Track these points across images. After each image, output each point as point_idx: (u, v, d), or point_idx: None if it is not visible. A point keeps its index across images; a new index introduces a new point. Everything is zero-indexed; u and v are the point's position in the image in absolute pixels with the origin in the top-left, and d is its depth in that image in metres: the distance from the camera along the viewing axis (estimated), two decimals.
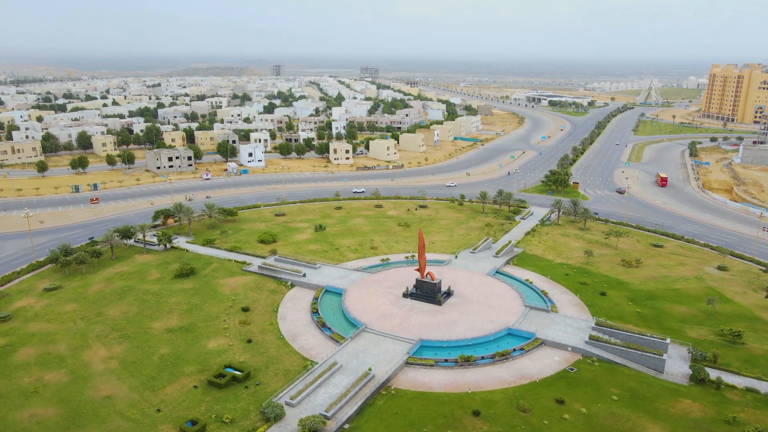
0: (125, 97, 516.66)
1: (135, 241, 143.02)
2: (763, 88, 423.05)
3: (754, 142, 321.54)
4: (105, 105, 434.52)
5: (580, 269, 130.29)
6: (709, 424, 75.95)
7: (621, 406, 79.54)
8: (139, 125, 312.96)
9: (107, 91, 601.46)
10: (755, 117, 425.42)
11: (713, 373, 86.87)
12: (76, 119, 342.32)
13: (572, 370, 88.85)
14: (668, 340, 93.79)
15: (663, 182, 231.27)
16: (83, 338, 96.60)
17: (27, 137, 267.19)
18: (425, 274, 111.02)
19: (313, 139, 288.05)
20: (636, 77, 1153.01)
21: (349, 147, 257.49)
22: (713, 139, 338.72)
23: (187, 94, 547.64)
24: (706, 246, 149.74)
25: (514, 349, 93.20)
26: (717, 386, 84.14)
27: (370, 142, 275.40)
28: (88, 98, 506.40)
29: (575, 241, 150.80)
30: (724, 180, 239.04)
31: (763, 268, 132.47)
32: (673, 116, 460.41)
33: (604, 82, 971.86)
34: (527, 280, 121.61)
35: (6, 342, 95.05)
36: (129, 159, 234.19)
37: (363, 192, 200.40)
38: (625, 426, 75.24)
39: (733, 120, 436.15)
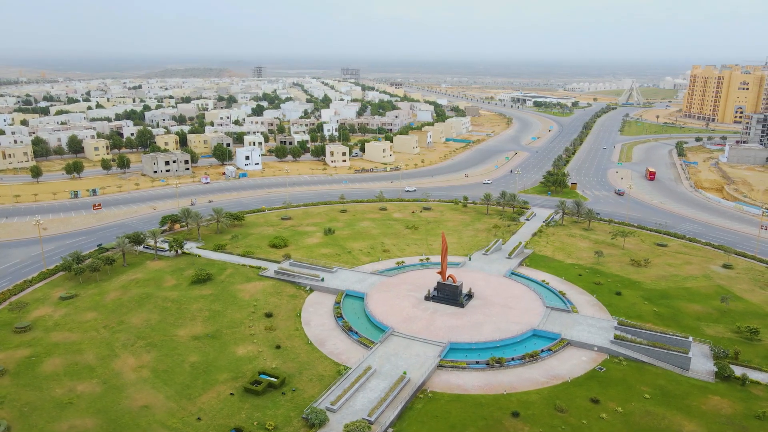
0: (108, 99, 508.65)
1: (144, 247, 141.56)
2: (743, 89, 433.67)
3: (737, 142, 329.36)
4: (89, 108, 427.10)
5: (592, 269, 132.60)
6: (740, 420, 78.20)
7: (654, 404, 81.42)
8: (128, 128, 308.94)
9: (88, 94, 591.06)
10: (735, 117, 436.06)
11: (736, 370, 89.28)
12: (63, 123, 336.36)
13: (601, 369, 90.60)
14: (690, 339, 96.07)
15: (651, 176, 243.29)
16: (109, 347, 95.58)
17: (16, 142, 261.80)
18: (446, 277, 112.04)
19: (307, 141, 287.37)
20: (612, 77, 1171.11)
21: (346, 149, 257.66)
22: (698, 139, 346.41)
23: (171, 96, 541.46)
24: (708, 245, 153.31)
25: (542, 350, 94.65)
26: (742, 383, 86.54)
27: (366, 144, 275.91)
28: (71, 101, 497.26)
29: (582, 242, 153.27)
30: (714, 179, 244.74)
31: None
32: (657, 116, 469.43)
33: (582, 82, 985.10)
34: (543, 281, 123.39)
35: (31, 353, 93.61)
36: (124, 163, 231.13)
37: (415, 191, 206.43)
38: (662, 424, 77.09)
39: (714, 120, 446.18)
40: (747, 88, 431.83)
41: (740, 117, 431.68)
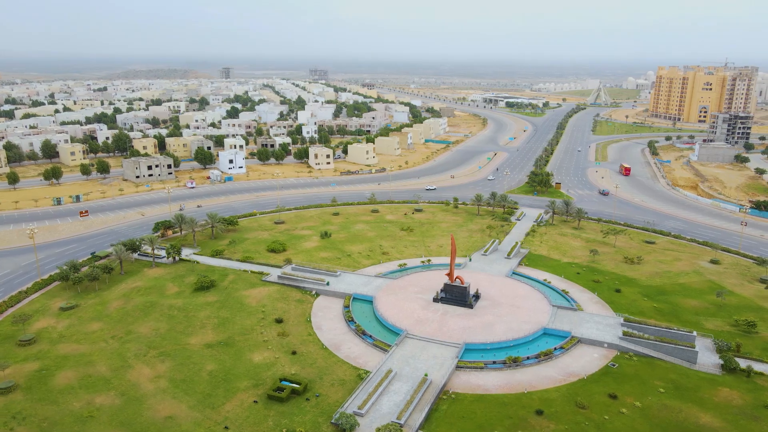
0: (74, 102, 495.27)
1: (139, 254, 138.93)
2: (707, 89, 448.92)
3: (704, 140, 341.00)
4: (57, 111, 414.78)
5: (589, 267, 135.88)
6: (751, 410, 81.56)
7: (669, 397, 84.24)
8: (102, 132, 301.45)
9: (52, 96, 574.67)
10: (700, 116, 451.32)
11: (740, 362, 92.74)
12: (32, 126, 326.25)
13: (613, 365, 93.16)
14: (695, 333, 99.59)
15: (627, 171, 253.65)
16: (121, 358, 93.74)
17: None
18: (454, 279, 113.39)
19: (288, 144, 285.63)
20: (575, 78, 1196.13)
21: (330, 152, 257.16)
22: (668, 138, 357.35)
23: (141, 99, 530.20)
24: (693, 241, 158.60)
25: (555, 348, 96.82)
26: (748, 374, 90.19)
27: (349, 146, 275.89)
28: (35, 104, 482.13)
29: (574, 240, 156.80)
30: (688, 177, 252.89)
31: (755, 261, 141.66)
32: (626, 116, 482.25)
33: (548, 83, 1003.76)
34: (545, 280, 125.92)
35: (40, 366, 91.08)
36: (104, 168, 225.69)
37: (435, 189, 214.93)
38: (679, 417, 79.88)
39: (679, 119, 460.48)
40: (710, 89, 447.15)
41: (704, 116, 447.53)
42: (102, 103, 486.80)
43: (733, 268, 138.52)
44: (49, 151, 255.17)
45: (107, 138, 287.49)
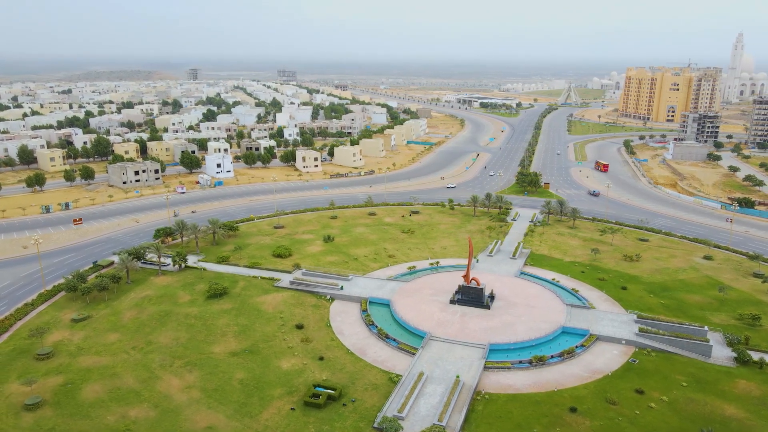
0: (42, 105, 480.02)
1: (142, 262, 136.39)
2: (674, 89, 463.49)
3: (676, 139, 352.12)
4: (26, 115, 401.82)
5: (591, 266, 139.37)
6: None
7: (693, 391, 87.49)
8: (79, 137, 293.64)
9: (15, 99, 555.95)
10: (668, 116, 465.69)
11: (752, 355, 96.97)
12: (4, 131, 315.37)
13: (634, 361, 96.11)
14: (706, 328, 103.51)
15: (605, 168, 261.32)
16: (147, 369, 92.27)
17: None
18: (470, 280, 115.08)
19: (274, 147, 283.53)
20: (540, 78, 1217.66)
21: (318, 154, 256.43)
22: (641, 137, 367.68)
23: (111, 101, 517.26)
24: (683, 238, 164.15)
25: (576, 346, 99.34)
26: (760, 366, 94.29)
27: (335, 148, 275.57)
28: (1, 107, 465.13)
29: (572, 240, 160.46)
30: (667, 176, 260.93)
31: (746, 256, 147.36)
32: (599, 116, 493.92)
33: (516, 83, 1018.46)
34: (554, 279, 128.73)
35: (64, 380, 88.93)
36: (88, 174, 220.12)
37: (455, 187, 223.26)
38: (705, 409, 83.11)
39: (649, 119, 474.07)
40: (678, 89, 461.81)
41: (672, 116, 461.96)
42: (70, 106, 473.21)
43: (727, 263, 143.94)
44: (27, 156, 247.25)
45: (85, 142, 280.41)
